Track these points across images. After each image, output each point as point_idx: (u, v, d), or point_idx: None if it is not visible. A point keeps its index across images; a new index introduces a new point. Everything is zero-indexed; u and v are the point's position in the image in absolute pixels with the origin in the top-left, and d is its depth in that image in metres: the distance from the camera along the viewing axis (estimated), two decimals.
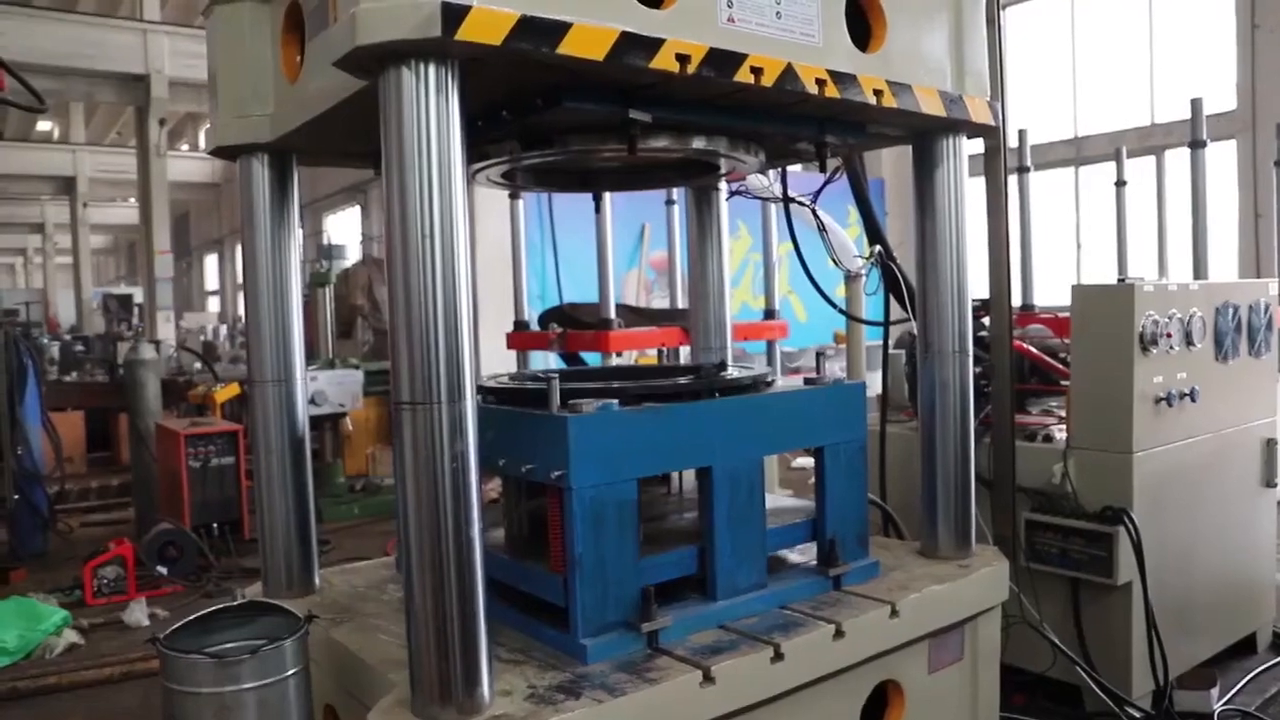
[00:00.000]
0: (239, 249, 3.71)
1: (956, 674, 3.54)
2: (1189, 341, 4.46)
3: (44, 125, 30.91)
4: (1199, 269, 5.64)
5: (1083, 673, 4.21)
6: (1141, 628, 4.20)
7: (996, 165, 4.35)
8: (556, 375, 3.00)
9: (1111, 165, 7.62)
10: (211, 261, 37.59)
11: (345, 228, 25.88)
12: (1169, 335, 4.33)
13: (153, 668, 5.02)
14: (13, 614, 6.09)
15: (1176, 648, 4.32)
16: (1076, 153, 14.36)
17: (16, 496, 7.95)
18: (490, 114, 2.97)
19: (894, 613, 3.23)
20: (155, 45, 19.28)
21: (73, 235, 28.19)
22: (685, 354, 5.88)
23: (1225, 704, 4.48)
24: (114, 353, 13.91)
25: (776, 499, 3.90)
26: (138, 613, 6.46)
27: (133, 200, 28.44)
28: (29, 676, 5.53)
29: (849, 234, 7.94)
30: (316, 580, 3.74)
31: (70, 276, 30.12)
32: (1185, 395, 4.41)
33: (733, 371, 3.75)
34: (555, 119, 2.94)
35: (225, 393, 10.13)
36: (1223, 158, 11.48)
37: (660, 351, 5.60)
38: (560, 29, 2.44)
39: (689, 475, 3.68)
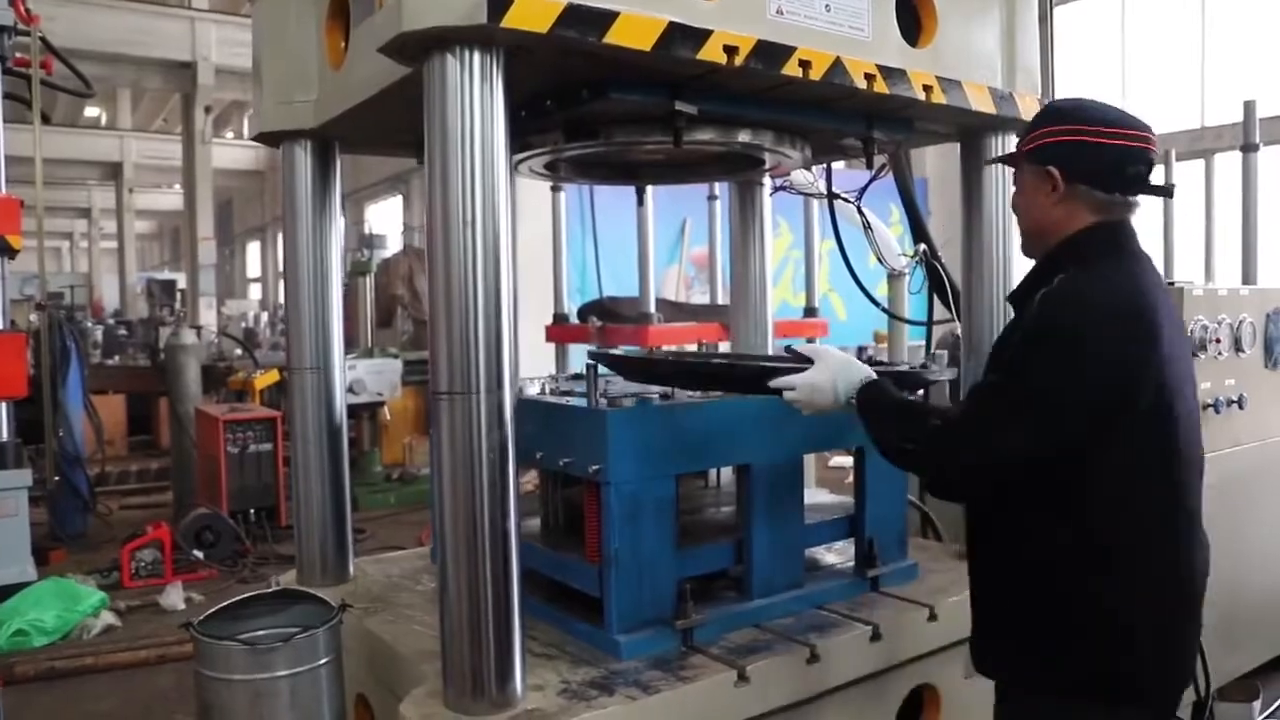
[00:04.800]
0: (281, 237, 3.71)
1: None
2: (1238, 347, 4.38)
3: (91, 111, 31.29)
4: (1248, 274, 5.53)
5: None
6: None
7: None
8: (595, 365, 2.96)
9: (1159, 168, 7.51)
10: (254, 249, 37.93)
11: (386, 217, 26.03)
12: (1218, 340, 4.25)
13: (188, 651, 5.02)
14: (51, 594, 6.16)
15: (1218, 659, 4.22)
16: None
17: (58, 478, 8.05)
18: (534, 104, 2.94)
19: (932, 616, 3.18)
20: (202, 33, 19.54)
21: (118, 220, 28.52)
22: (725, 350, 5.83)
23: (1267, 716, 4.39)
24: (156, 337, 14.04)
25: (814, 495, 3.86)
26: (174, 596, 6.53)
27: (177, 187, 28.78)
28: (66, 657, 5.59)
29: (891, 232, 7.85)
30: (351, 569, 3.75)
31: (115, 261, 30.49)
32: (1233, 402, 4.33)
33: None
34: (600, 110, 2.91)
35: (265, 379, 10.23)
36: (1276, 162, 11.22)
37: (699, 347, 5.57)
38: (607, 18, 2.41)
39: (727, 468, 3.65)
